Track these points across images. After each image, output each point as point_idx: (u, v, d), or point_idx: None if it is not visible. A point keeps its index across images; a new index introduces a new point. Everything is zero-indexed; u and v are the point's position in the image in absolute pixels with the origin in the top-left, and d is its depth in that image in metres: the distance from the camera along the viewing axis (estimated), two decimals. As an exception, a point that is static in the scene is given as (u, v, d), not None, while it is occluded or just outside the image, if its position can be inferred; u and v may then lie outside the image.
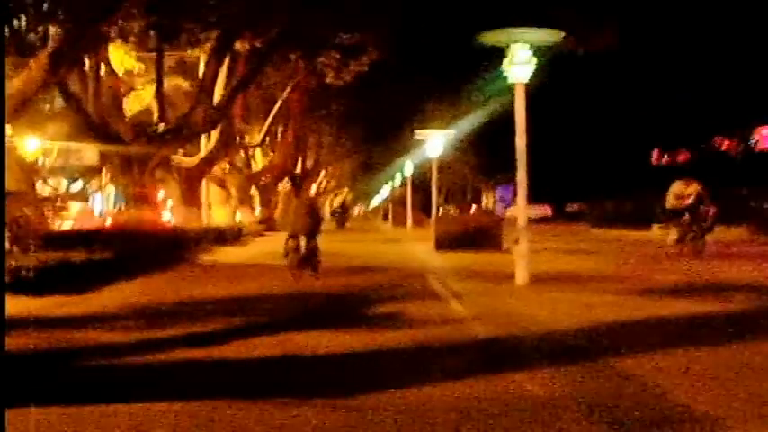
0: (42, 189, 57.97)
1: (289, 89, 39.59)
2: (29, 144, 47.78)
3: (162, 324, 10.38)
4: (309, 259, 16.43)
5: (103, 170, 47.63)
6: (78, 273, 14.52)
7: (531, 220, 22.95)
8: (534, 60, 15.01)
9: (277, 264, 18.87)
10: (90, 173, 48.21)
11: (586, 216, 49.17)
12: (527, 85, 15.04)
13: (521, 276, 14.61)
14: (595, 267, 19.27)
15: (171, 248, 22.72)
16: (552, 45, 16.11)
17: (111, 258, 17.07)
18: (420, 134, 31.10)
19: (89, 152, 44.28)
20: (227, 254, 25.96)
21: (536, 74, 15.14)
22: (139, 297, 13.49)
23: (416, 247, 27.58)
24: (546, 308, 11.61)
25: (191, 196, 34.96)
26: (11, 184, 17.54)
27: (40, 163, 56.95)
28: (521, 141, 15.06)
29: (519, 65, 14.87)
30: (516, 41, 14.86)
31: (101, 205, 58.91)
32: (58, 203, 47.53)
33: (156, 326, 10.25)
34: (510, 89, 15.34)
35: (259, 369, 7.79)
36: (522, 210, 15.11)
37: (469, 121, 47.75)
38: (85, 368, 7.85)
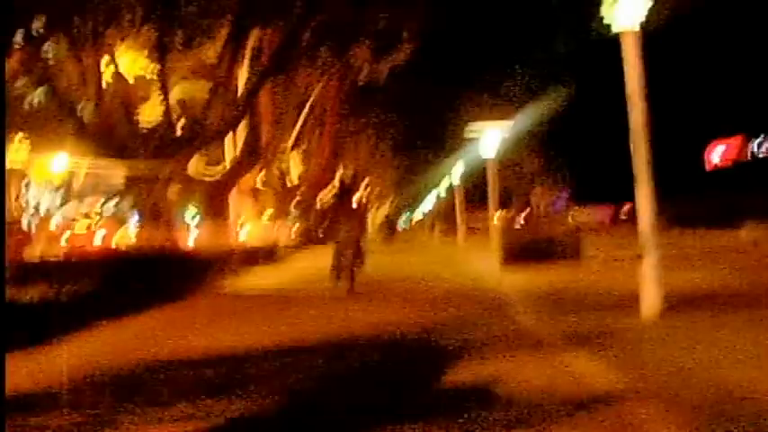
0: (77, 209, 55.31)
1: (319, 87, 35.43)
2: (54, 163, 44.79)
3: (100, 422, 6.14)
4: (354, 270, 16.12)
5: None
6: (28, 318, 10.32)
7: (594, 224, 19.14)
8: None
9: (313, 290, 15.13)
10: (124, 192, 44.70)
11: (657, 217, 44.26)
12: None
13: (650, 303, 10.24)
14: (725, 282, 14.75)
15: (185, 274, 18.66)
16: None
17: (93, 293, 13.07)
18: (472, 129, 26.80)
19: (119, 170, 40.87)
20: (257, 277, 21.90)
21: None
22: (104, 356, 9.21)
23: (478, 263, 23.13)
24: (740, 361, 7.18)
25: (217, 212, 30.85)
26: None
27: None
28: (637, 113, 10.66)
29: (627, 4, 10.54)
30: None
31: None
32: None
33: (86, 425, 6.01)
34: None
35: None
36: (648, 210, 10.66)
37: (523, 118, 43.15)
38: None
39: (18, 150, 35.19)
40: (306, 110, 36.09)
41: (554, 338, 8.99)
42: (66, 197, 56.39)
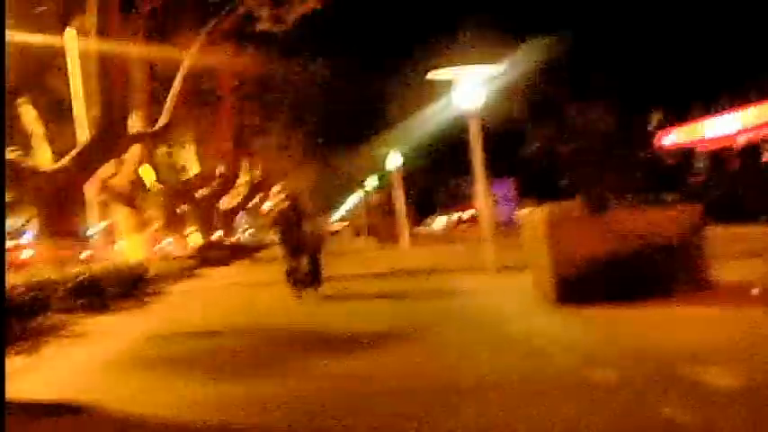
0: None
1: (200, 43, 25.36)
2: None
3: None
4: (314, 275, 15.37)
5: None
6: None
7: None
8: None
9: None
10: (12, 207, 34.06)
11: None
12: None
13: None
14: None
15: None
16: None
17: None
18: (439, 74, 16.95)
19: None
20: (72, 344, 11.50)
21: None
22: None
23: (490, 294, 12.71)
24: None
25: (61, 221, 20.37)
26: None
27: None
28: None
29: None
30: None
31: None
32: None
33: None
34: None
35: None
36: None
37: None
38: None
39: None
40: (180, 74, 25.62)
41: None
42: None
